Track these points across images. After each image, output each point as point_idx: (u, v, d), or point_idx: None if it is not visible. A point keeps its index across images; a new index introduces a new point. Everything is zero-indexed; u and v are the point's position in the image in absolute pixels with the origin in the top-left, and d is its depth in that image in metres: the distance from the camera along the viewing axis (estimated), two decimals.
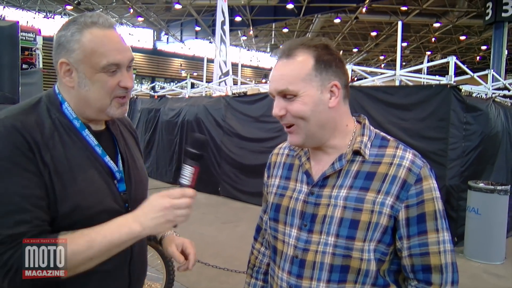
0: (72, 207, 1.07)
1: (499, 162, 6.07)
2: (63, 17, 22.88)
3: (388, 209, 1.07)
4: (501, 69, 12.51)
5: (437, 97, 5.42)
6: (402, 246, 1.10)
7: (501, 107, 6.40)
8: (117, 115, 1.19)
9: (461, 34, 23.84)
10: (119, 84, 1.14)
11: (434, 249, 1.08)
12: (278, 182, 1.28)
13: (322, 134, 1.13)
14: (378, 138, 1.18)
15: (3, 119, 1.06)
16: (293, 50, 1.10)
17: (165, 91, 12.27)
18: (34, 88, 7.13)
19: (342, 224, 1.08)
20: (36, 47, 9.95)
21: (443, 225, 1.10)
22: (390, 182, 1.08)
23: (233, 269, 4.10)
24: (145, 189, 1.36)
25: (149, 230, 1.06)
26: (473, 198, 5.12)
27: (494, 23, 13.13)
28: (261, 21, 22.54)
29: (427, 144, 5.48)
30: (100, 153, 1.19)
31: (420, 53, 28.47)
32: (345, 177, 1.13)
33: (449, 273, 1.09)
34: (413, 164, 1.10)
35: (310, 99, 1.09)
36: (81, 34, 1.10)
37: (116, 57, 1.12)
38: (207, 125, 8.85)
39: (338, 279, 1.09)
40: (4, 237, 0.98)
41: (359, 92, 6.22)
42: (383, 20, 21.84)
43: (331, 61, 1.11)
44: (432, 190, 1.09)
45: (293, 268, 1.15)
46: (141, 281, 1.37)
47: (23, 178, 1.02)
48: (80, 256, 1.02)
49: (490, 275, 4.71)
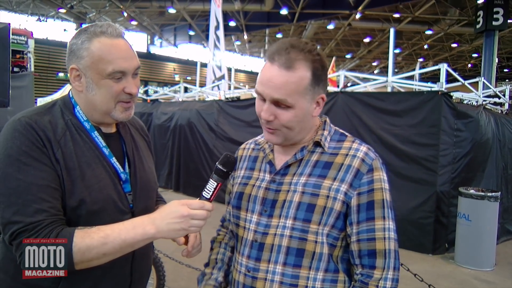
0: (79, 201, 1.14)
1: (489, 169, 6.12)
2: (56, 20, 22.77)
3: (342, 195, 1.16)
4: (492, 77, 12.62)
5: (428, 103, 5.46)
6: (352, 232, 1.17)
7: (492, 114, 6.46)
8: (122, 119, 1.26)
9: (453, 42, 24.08)
10: (124, 90, 1.22)
11: (380, 235, 1.16)
12: (243, 173, 1.34)
13: (299, 136, 1.23)
14: (337, 134, 1.28)
15: (20, 118, 1.16)
16: (293, 62, 1.12)
17: (158, 95, 12.24)
18: (25, 92, 7.02)
19: (300, 207, 1.16)
20: (27, 50, 9.84)
21: (389, 215, 1.18)
22: (345, 170, 1.18)
23: None
24: (152, 190, 1.42)
25: (163, 234, 1.10)
26: (464, 204, 5.15)
27: (485, 31, 13.26)
28: (255, 27, 22.59)
29: (418, 150, 5.52)
30: (107, 155, 1.26)
31: (412, 60, 28.72)
32: (305, 166, 1.22)
33: (391, 259, 1.17)
34: (366, 155, 1.20)
35: (301, 112, 1.16)
36: (90, 43, 1.19)
37: (122, 65, 1.20)
38: (199, 129, 8.83)
39: (293, 263, 1.16)
40: (26, 225, 1.05)
41: (351, 97, 6.25)
42: (375, 27, 22.00)
43: (323, 75, 1.17)
44: (381, 181, 1.18)
45: (252, 251, 1.21)
46: (144, 281, 1.40)
47: (40, 171, 1.10)
48: (94, 251, 1.07)
49: (480, 281, 4.73)
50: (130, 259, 1.27)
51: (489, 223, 5.07)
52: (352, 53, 29.06)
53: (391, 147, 5.73)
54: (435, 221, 5.43)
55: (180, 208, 1.10)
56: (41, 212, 1.07)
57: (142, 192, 1.32)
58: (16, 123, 1.15)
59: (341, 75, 7.11)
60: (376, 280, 1.15)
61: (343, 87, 6.61)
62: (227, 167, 1.18)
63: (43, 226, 1.06)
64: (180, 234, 1.11)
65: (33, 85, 7.93)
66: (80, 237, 1.07)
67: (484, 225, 5.04)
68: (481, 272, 5.00)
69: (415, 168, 5.54)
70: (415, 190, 5.52)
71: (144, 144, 1.46)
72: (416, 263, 4.91)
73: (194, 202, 1.12)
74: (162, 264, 3.45)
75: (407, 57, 28.70)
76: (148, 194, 1.36)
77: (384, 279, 1.15)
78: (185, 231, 1.10)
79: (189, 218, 1.09)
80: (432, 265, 5.14)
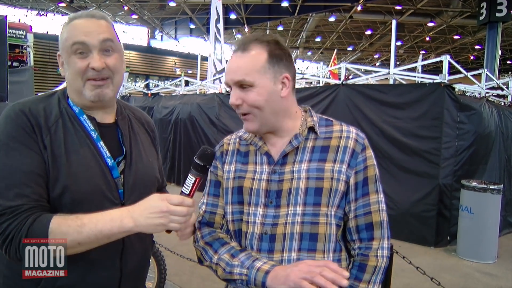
0: (62, 189, 1.14)
1: (492, 161, 6.08)
2: (56, 14, 22.69)
3: (344, 176, 1.21)
4: (495, 69, 12.56)
5: (430, 96, 5.42)
6: (350, 209, 1.24)
7: (495, 106, 6.41)
8: (93, 98, 1.23)
9: (455, 34, 23.93)
10: (88, 65, 1.20)
11: (375, 208, 1.24)
12: (234, 167, 1.31)
13: (275, 121, 1.24)
14: (323, 120, 1.32)
15: (14, 105, 1.19)
16: (247, 44, 1.21)
17: (159, 89, 12.20)
18: (25, 86, 7.01)
19: (308, 193, 1.19)
20: (27, 44, 9.80)
21: (380, 188, 1.26)
22: (343, 152, 1.23)
23: None
24: (151, 185, 1.37)
25: (141, 228, 1.09)
26: (466, 197, 5.13)
27: (488, 23, 13.18)
28: (256, 20, 22.48)
29: (420, 143, 5.48)
30: (95, 138, 1.25)
31: (414, 53, 28.56)
32: (302, 152, 1.25)
33: (385, 229, 1.24)
34: (358, 136, 1.27)
35: (264, 90, 1.20)
36: (66, 27, 1.24)
37: (81, 37, 1.19)
38: (200, 123, 8.81)
39: (308, 247, 1.18)
40: (4, 208, 1.07)
41: (352, 90, 6.21)
42: (377, 20, 21.86)
43: (281, 56, 1.23)
44: (372, 157, 1.26)
45: (263, 244, 1.20)
46: (138, 275, 1.35)
47: (26, 156, 1.12)
48: (69, 239, 1.06)
49: (483, 274, 4.72)
50: (120, 251, 1.24)
51: (491, 216, 5.05)
52: (354, 45, 28.93)
53: (393, 140, 5.70)
54: (437, 214, 5.41)
55: (160, 203, 1.08)
56: (22, 196, 1.08)
57: (136, 185, 1.29)
58: (10, 110, 1.18)
59: (342, 67, 7.06)
60: (375, 250, 1.22)
61: (344, 80, 6.55)
62: (204, 160, 1.15)
63: (21, 210, 1.07)
64: (159, 230, 1.09)
65: (33, 80, 7.93)
66: (56, 223, 1.06)
67: (486, 218, 5.02)
68: (483, 264, 4.99)
69: (417, 161, 5.51)
70: (417, 183, 5.49)
71: (147, 139, 1.44)
72: (418, 256, 4.91)
73: (173, 198, 1.09)
74: (164, 258, 3.44)
75: (409, 50, 28.54)
76: (143, 188, 1.31)
77: (381, 249, 1.22)
78: (164, 226, 1.08)
79: (168, 214, 1.07)
80: (434, 258, 5.13)
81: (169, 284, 3.64)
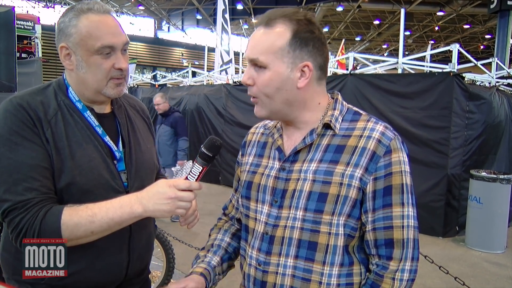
0: (69, 180, 1.16)
1: (501, 151, 6.03)
2: (63, 6, 22.71)
3: (357, 181, 1.05)
4: (506, 58, 12.36)
5: (439, 85, 5.36)
6: (367, 220, 1.08)
7: (505, 96, 6.33)
8: (113, 95, 1.27)
9: (465, 23, 23.59)
10: (114, 66, 1.22)
11: (397, 223, 1.07)
12: (251, 160, 1.26)
13: (289, 111, 1.12)
14: (350, 113, 1.15)
15: (11, 99, 1.18)
16: (272, 20, 1.07)
17: (166, 80, 12.21)
18: (33, 78, 7.06)
19: (311, 197, 1.07)
20: (35, 36, 9.84)
21: (409, 200, 1.07)
22: (359, 154, 1.06)
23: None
24: (150, 171, 1.41)
25: (150, 214, 1.11)
26: (475, 187, 5.10)
27: (499, 12, 12.94)
28: (263, 10, 22.20)
29: (429, 133, 5.44)
30: (101, 133, 1.26)
31: (423, 43, 28.24)
32: (315, 151, 1.11)
33: (409, 249, 1.07)
34: (383, 135, 1.07)
35: (277, 76, 1.07)
36: (77, 20, 1.19)
37: (111, 40, 1.20)
38: (207, 114, 8.82)
39: (305, 256, 1.08)
40: (15, 203, 1.08)
41: (360, 80, 6.16)
42: (385, 9, 21.61)
43: (309, 40, 1.07)
44: (401, 163, 1.07)
45: (263, 245, 1.14)
46: (144, 261, 1.40)
47: (31, 150, 1.13)
48: (82, 229, 1.09)
49: (491, 264, 4.70)
50: (127, 237, 1.28)
51: (500, 206, 5.03)
52: (362, 35, 28.66)
53: (402, 130, 5.65)
54: (445, 204, 5.39)
55: (168, 189, 1.09)
56: (31, 190, 1.10)
57: (138, 172, 1.32)
58: (8, 104, 1.17)
59: (350, 57, 6.99)
60: (392, 272, 1.07)
61: (352, 69, 6.50)
62: (212, 151, 1.13)
63: (32, 204, 1.08)
64: (166, 215, 1.11)
65: (41, 71, 7.98)
66: (68, 214, 1.09)
67: (495, 208, 4.99)
68: (492, 254, 4.97)
69: (426, 151, 5.47)
70: (426, 173, 5.45)
71: (143, 126, 1.46)
72: (426, 246, 4.89)
73: (181, 183, 1.09)
74: (172, 247, 3.47)
75: (418, 40, 28.22)
76: (145, 174, 1.36)
77: (401, 271, 1.07)
78: (172, 212, 1.10)
79: (176, 200, 1.08)
80: (442, 248, 5.12)
81: (177, 273, 3.67)
